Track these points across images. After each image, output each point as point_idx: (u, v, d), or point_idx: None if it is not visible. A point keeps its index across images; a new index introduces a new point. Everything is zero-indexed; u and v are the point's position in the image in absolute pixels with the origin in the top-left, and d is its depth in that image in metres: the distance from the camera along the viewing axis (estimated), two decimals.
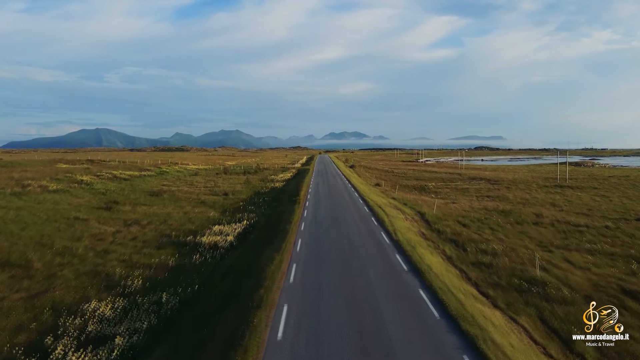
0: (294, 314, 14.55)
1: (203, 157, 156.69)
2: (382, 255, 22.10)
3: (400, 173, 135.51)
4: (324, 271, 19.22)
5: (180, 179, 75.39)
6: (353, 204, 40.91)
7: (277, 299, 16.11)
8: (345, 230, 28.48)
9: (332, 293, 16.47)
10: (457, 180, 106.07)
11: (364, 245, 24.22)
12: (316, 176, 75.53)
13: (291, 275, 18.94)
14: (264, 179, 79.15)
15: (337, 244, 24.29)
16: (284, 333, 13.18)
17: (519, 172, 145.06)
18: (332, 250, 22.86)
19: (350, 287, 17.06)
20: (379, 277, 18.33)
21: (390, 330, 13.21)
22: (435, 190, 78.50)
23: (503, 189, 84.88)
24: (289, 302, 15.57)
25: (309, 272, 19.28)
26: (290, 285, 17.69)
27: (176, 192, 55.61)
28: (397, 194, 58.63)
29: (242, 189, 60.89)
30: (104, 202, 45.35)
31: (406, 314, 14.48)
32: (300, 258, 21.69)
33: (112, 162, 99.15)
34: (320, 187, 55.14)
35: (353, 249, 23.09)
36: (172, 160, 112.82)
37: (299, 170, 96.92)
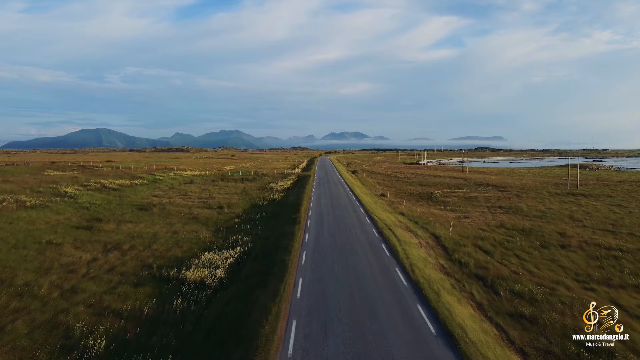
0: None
1: (201, 161, 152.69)
2: (401, 308, 18.02)
3: (404, 177, 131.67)
4: (331, 338, 15.20)
5: (174, 187, 71.39)
6: (359, 223, 36.87)
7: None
8: (353, 265, 24.43)
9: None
10: (464, 187, 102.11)
11: (378, 291, 20.11)
12: (317, 185, 71.51)
13: (290, 343, 14.93)
14: (262, 187, 75.16)
15: (345, 290, 20.20)
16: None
17: (525, 176, 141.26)
18: (341, 301, 18.79)
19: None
20: (402, 350, 14.29)
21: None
22: (442, 200, 74.56)
23: (514, 197, 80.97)
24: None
25: (313, 338, 15.27)
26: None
27: (167, 205, 51.60)
28: (404, 206, 54.64)
29: (239, 201, 56.89)
30: (86, 220, 41.34)
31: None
32: (302, 312, 17.66)
33: (104, 168, 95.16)
34: (322, 200, 51.09)
35: (365, 299, 19.01)
36: (167, 166, 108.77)
37: (299, 176, 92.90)
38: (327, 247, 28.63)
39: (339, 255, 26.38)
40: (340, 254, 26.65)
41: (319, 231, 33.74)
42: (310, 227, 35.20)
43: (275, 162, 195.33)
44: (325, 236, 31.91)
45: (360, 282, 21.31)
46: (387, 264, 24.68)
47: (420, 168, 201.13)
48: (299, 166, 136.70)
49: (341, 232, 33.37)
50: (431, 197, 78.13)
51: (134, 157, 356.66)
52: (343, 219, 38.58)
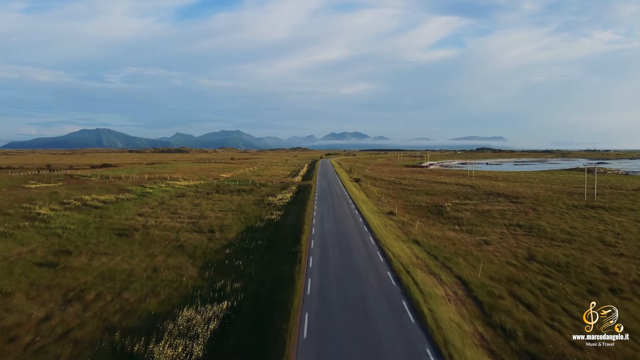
0: None
1: (198, 167, 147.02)
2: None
3: (409, 185, 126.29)
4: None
5: (164, 203, 65.77)
6: (371, 263, 31.09)
7: None
8: (370, 340, 18.82)
9: None
10: (473, 197, 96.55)
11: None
12: (320, 200, 65.89)
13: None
14: (259, 201, 69.56)
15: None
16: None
17: (534, 183, 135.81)
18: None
19: None
20: None
21: None
22: (454, 215, 69.04)
23: (530, 211, 75.47)
24: None
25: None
26: None
27: (152, 229, 45.98)
28: (417, 228, 48.99)
29: (232, 222, 51.27)
30: (53, 253, 35.77)
31: None
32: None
33: (92, 177, 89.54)
34: (326, 225, 45.42)
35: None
36: (160, 175, 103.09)
37: (299, 187, 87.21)
38: (335, 305, 22.96)
39: (351, 322, 20.75)
40: (352, 320, 21.01)
41: (324, 276, 28.09)
42: (313, 269, 29.56)
43: (275, 166, 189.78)
44: (332, 285, 26.26)
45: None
46: (415, 339, 19.02)
47: (423, 172, 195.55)
48: (299, 173, 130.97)
49: (350, 277, 27.71)
50: (441, 211, 72.61)
51: (133, 159, 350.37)
52: (351, 254, 32.93)
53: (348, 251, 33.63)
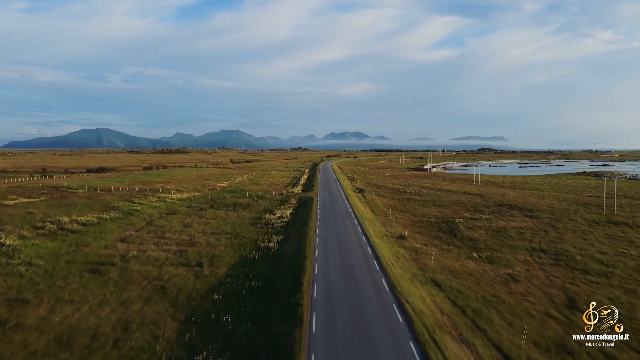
0: None
1: (194, 174, 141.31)
2: None
3: (414, 193, 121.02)
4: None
5: (152, 222, 60.13)
6: (388, 325, 25.32)
7: None
8: None
9: None
10: (484, 209, 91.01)
11: None
12: (322, 220, 60.26)
13: None
14: (257, 219, 63.98)
15: None
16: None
17: (545, 191, 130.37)
18: None
19: None
20: None
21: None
22: (468, 234, 63.51)
23: (549, 228, 69.94)
24: None
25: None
26: None
27: (132, 262, 40.34)
28: (433, 260, 43.35)
29: (225, 250, 45.65)
30: (7, 302, 30.07)
31: None
32: None
33: (79, 190, 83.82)
34: (330, 258, 39.77)
35: None
36: (153, 186, 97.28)
37: (300, 201, 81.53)
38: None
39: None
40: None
41: (330, 347, 22.48)
42: (317, 336, 23.90)
43: (275, 171, 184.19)
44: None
45: None
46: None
47: (427, 177, 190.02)
48: (299, 181, 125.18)
49: (364, 351, 22.07)
50: (454, 230, 67.09)
51: (131, 160, 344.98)
52: (363, 311, 27.17)
53: (359, 305, 27.92)
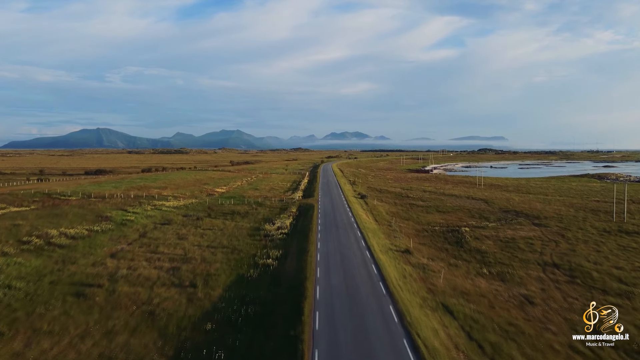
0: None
1: (193, 178, 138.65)
2: None
3: (416, 197, 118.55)
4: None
5: (146, 234, 57.49)
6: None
7: None
8: None
9: None
10: (489, 216, 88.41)
11: None
12: (323, 231, 57.58)
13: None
14: (255, 230, 61.39)
15: None
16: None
17: (550, 195, 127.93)
18: None
19: None
20: None
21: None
22: (476, 246, 60.91)
23: (559, 238, 67.32)
24: None
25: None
26: None
27: (120, 283, 37.71)
28: (442, 279, 40.71)
29: (221, 267, 43.01)
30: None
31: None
32: None
33: (72, 197, 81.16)
34: (332, 279, 37.11)
35: None
36: (149, 192, 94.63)
37: (300, 208, 78.81)
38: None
39: None
40: None
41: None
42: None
43: (275, 174, 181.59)
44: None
45: None
46: None
47: (429, 180, 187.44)
48: (299, 186, 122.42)
49: None
50: (460, 240, 64.48)
51: (131, 161, 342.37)
52: (370, 349, 24.56)
53: (365, 341, 25.21)
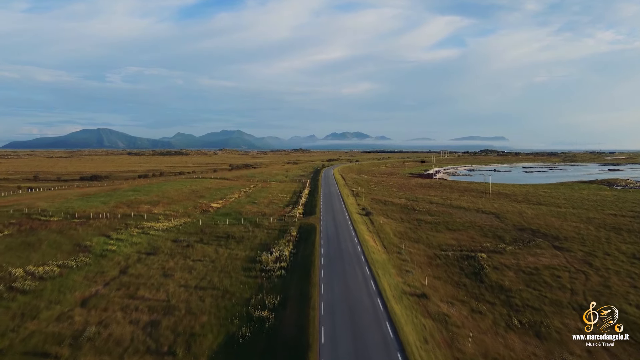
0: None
1: (188, 189, 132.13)
2: None
3: (423, 211, 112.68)
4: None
5: (127, 270, 51.02)
6: None
7: None
8: None
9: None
10: (504, 235, 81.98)
11: None
12: (327, 267, 51.20)
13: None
14: (251, 261, 55.05)
15: None
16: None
17: (562, 205, 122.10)
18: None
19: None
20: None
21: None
22: (497, 280, 54.62)
23: (587, 268, 60.96)
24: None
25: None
26: None
27: (85, 348, 31.26)
28: (471, 343, 34.31)
29: (209, 320, 36.56)
30: None
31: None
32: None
33: (54, 217, 74.72)
34: (340, 345, 30.82)
35: None
36: (139, 208, 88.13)
37: (300, 231, 72.35)
38: None
39: None
40: None
41: None
42: None
43: (274, 182, 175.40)
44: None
45: None
46: None
47: (433, 187, 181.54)
48: (300, 199, 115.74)
49: None
50: (478, 272, 58.20)
51: (129, 164, 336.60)
52: None
53: None
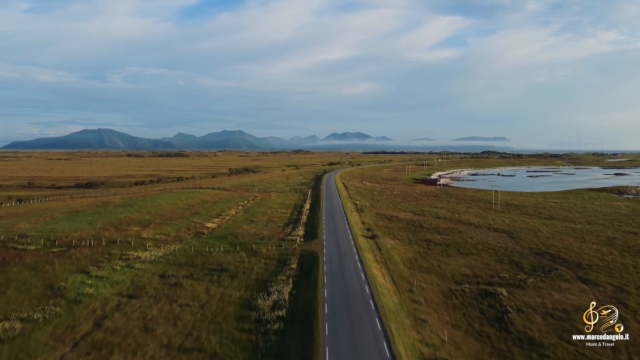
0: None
1: (183, 204, 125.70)
2: None
3: (432, 227, 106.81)
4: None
5: (102, 323, 44.41)
6: None
7: None
8: None
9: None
10: (521, 261, 75.55)
11: None
12: (331, 320, 44.71)
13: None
14: (244, 307, 48.69)
15: None
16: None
17: (578, 223, 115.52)
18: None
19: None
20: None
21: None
22: (524, 328, 48.39)
23: (620, 308, 54.36)
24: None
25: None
26: None
27: None
28: None
29: None
30: None
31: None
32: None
33: (32, 245, 68.24)
34: None
35: None
36: (126, 233, 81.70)
37: (301, 261, 65.91)
38: None
39: None
40: None
41: None
42: None
43: (274, 193, 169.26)
44: None
45: None
46: None
47: (439, 197, 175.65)
48: (301, 216, 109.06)
49: None
50: (502, 317, 51.91)
51: (128, 168, 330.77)
52: None
53: None
